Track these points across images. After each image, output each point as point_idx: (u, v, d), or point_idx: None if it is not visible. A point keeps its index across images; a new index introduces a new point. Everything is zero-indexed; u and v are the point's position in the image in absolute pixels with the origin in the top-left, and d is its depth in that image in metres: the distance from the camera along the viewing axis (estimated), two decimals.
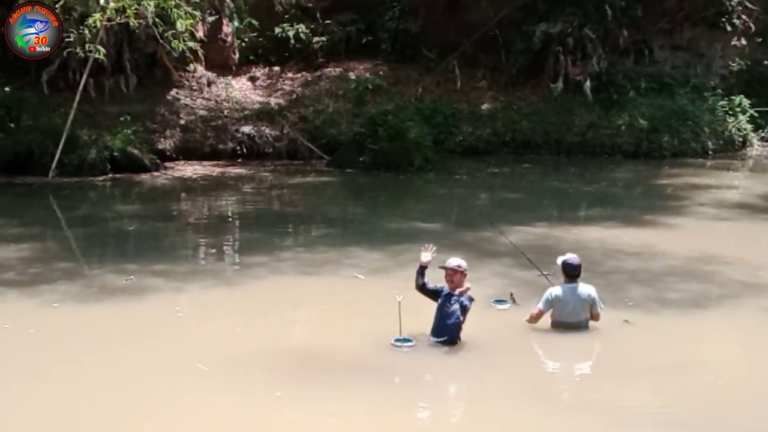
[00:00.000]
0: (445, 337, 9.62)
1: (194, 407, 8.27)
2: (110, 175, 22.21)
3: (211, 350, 9.67)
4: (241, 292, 12.25)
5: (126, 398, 8.38)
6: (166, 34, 21.97)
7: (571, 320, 10.27)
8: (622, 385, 8.99)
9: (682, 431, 7.85)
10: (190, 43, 23.62)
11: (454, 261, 9.86)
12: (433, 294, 9.84)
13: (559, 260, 10.51)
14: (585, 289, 10.33)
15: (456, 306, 9.51)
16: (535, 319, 10.32)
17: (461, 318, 9.56)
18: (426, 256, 9.91)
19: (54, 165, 21.47)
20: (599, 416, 8.10)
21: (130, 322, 10.77)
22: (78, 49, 22.02)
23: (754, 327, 11.06)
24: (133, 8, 20.82)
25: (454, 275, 9.68)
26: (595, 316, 10.37)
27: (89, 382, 8.77)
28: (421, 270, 9.92)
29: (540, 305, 10.31)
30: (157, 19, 21.61)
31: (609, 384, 9.06)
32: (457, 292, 9.58)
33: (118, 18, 21.17)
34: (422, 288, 9.92)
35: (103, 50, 21.70)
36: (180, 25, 21.64)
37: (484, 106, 28.22)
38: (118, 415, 8.01)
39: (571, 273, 10.34)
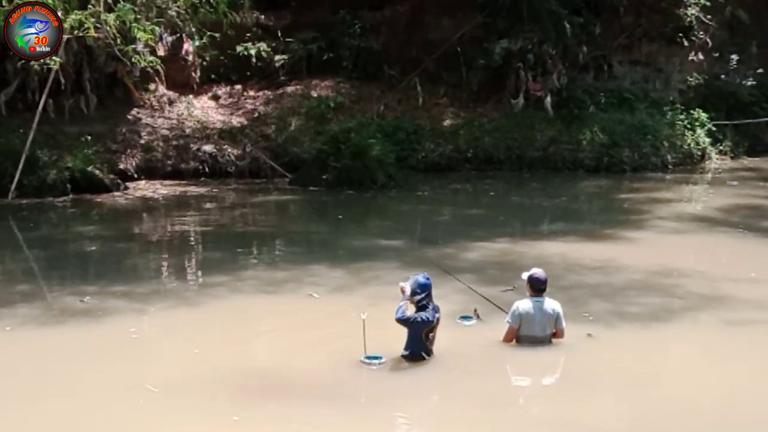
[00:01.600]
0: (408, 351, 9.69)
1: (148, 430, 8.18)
2: (71, 196, 22.00)
3: (167, 371, 9.61)
4: (201, 312, 12.16)
5: (77, 420, 8.30)
6: (126, 49, 21.82)
7: (537, 334, 10.30)
8: (587, 399, 9.04)
9: None
10: (151, 58, 23.47)
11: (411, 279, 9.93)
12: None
13: (525, 275, 10.54)
14: (550, 303, 10.37)
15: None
16: (510, 337, 10.34)
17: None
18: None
19: (13, 186, 21.24)
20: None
21: (86, 345, 10.65)
22: (34, 64, 21.83)
23: (715, 339, 11.17)
24: (92, 21, 20.64)
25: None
26: (559, 333, 10.39)
27: (36, 407, 8.69)
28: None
29: (509, 321, 10.33)
30: (117, 34, 21.44)
31: (574, 399, 9.09)
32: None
33: (77, 32, 20.97)
34: None
35: (59, 60, 21.40)
36: (141, 38, 21.53)
37: (446, 123, 28.28)
38: None
39: (538, 287, 10.38)
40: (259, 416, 8.45)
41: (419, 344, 9.64)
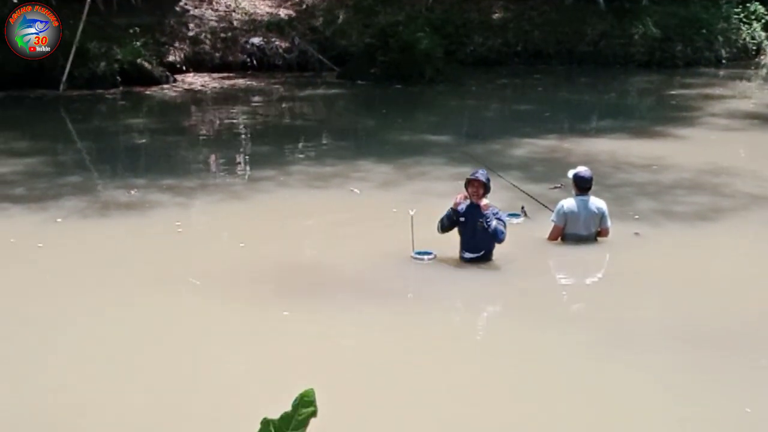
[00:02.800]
0: (482, 252, 9.58)
1: (195, 322, 8.32)
2: (120, 88, 22.15)
3: (211, 265, 9.71)
4: (247, 206, 12.26)
5: (126, 316, 8.45)
6: None
7: (582, 233, 10.31)
8: (630, 298, 9.06)
9: (691, 345, 7.89)
10: None
11: (482, 174, 9.68)
12: (453, 222, 9.62)
13: (571, 173, 10.51)
14: (596, 202, 10.34)
15: (494, 222, 9.37)
16: (555, 235, 10.36)
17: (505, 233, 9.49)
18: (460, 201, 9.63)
19: (64, 78, 21.41)
20: (609, 330, 8.17)
21: (132, 237, 10.83)
22: None
23: (763, 239, 11.08)
24: None
25: (480, 188, 9.51)
26: (604, 232, 10.39)
27: (82, 298, 8.84)
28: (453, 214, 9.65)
29: (554, 219, 10.33)
30: None
31: (618, 297, 9.12)
32: (483, 204, 9.44)
33: None
34: (445, 229, 9.72)
35: None
36: None
37: (496, 16, 27.86)
38: (112, 334, 8.06)
39: (583, 186, 10.34)
40: (307, 311, 8.52)
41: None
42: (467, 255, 9.61)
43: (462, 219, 9.55)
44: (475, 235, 9.53)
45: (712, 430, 6.56)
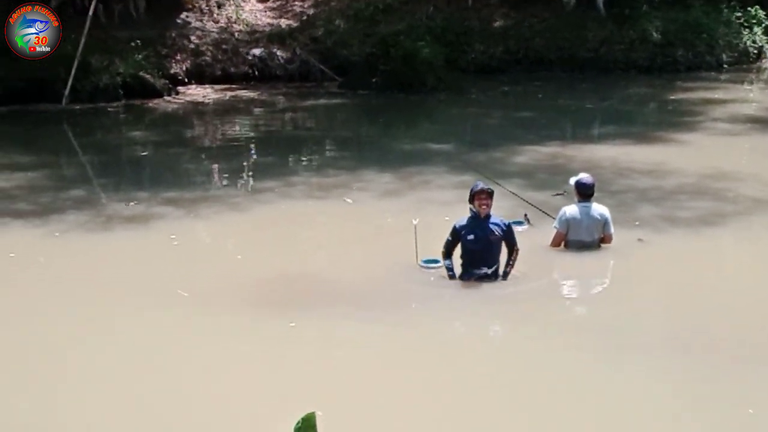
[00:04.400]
0: (495, 266, 9.36)
1: (190, 337, 8.27)
2: (123, 101, 22.21)
3: (204, 277, 9.69)
4: (248, 217, 12.27)
5: (125, 330, 8.41)
6: None
7: (586, 239, 10.30)
8: (634, 304, 9.03)
9: (696, 351, 7.87)
10: None
11: (484, 185, 9.43)
12: (457, 239, 9.35)
13: (572, 180, 10.49)
14: (598, 209, 10.32)
15: (503, 232, 9.29)
16: (557, 242, 10.35)
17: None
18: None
19: (67, 92, 21.48)
20: (614, 336, 8.15)
21: (127, 250, 10.79)
22: None
23: (767, 244, 11.07)
24: None
25: (489, 199, 9.30)
26: (607, 238, 10.37)
27: (62, 311, 8.84)
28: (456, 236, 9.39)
29: (556, 226, 10.32)
30: None
31: (621, 304, 9.09)
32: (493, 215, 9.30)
33: None
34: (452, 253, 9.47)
35: None
36: None
37: (496, 23, 27.91)
38: (108, 349, 8.01)
39: (585, 192, 10.32)
40: (314, 320, 8.48)
41: None
42: (483, 271, 9.32)
43: (471, 237, 9.26)
44: (491, 248, 9.33)
45: None
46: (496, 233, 9.28)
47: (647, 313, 8.82)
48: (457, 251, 9.42)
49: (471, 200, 9.33)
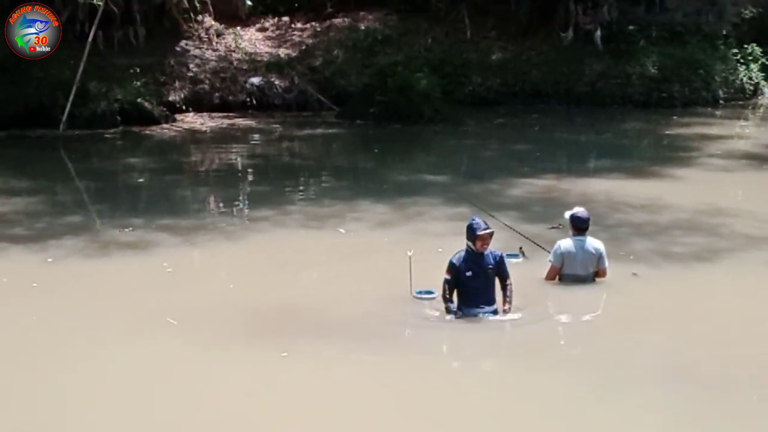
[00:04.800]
0: (495, 303, 9.31)
1: (192, 363, 8.26)
2: (120, 128, 22.27)
3: (196, 305, 9.65)
4: (242, 246, 12.26)
5: (115, 359, 8.34)
6: None
7: (580, 273, 10.30)
8: (629, 339, 9.02)
9: (691, 385, 7.85)
10: None
11: (485, 225, 9.28)
12: (457, 278, 9.23)
13: (567, 214, 10.50)
14: (593, 243, 10.34)
15: (495, 264, 9.27)
16: (552, 276, 10.35)
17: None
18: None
19: (65, 118, 21.52)
20: (608, 371, 8.14)
21: (120, 278, 10.75)
22: None
23: (760, 281, 11.00)
24: None
25: (489, 239, 9.24)
26: (601, 272, 10.37)
27: (53, 339, 8.82)
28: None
29: (551, 260, 10.33)
30: None
31: (616, 338, 9.08)
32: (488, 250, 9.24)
33: None
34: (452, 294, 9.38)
35: None
36: None
37: (494, 56, 28.03)
38: (99, 379, 7.96)
39: (580, 226, 10.33)
40: (307, 351, 8.44)
41: None
42: (484, 309, 9.25)
43: (469, 273, 9.19)
44: (488, 283, 9.29)
45: None
46: (492, 266, 9.28)
47: (641, 347, 8.82)
48: None
49: (472, 239, 9.22)
